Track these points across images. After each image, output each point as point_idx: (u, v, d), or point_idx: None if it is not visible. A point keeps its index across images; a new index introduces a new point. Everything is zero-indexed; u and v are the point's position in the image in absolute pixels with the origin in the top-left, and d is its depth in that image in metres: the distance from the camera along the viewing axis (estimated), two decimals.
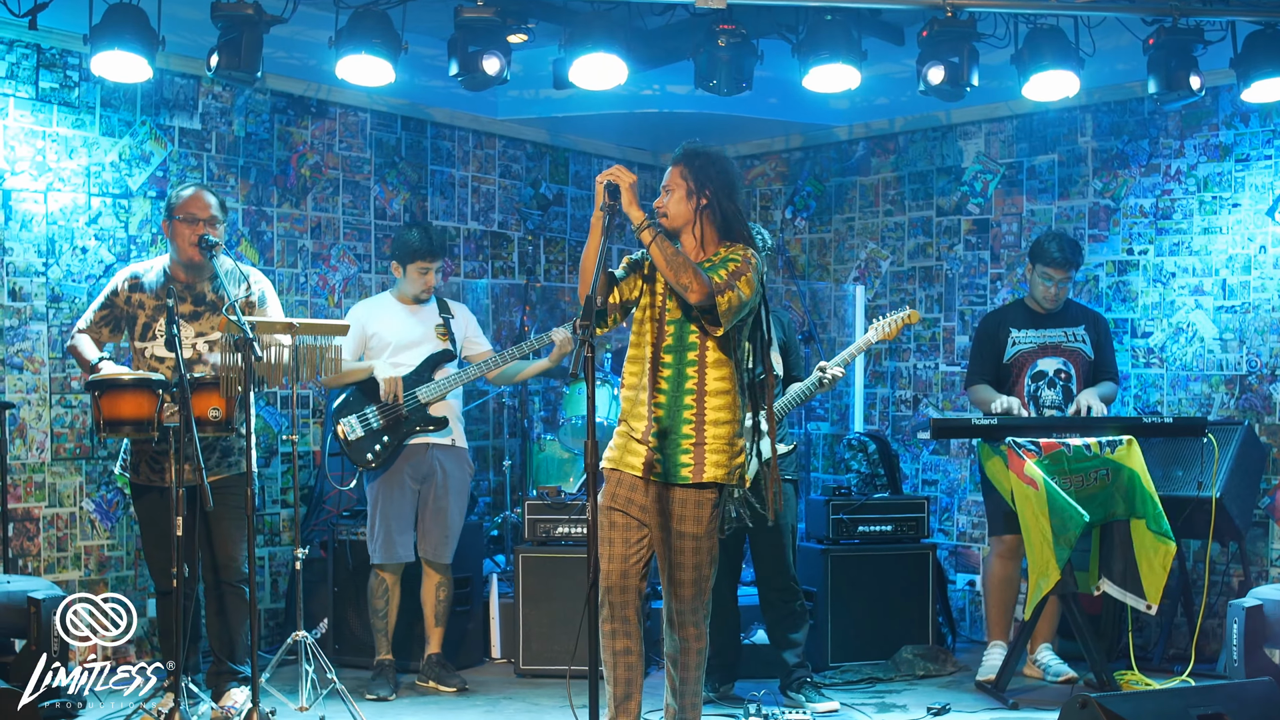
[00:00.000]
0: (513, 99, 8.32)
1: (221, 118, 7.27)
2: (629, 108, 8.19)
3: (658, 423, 4.49)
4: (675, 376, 4.50)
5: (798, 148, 8.77)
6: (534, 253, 8.77)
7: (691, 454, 4.49)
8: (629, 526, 4.55)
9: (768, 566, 5.97)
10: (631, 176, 4.39)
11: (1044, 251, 6.38)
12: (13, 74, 6.53)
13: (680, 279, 4.35)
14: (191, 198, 5.51)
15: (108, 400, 5.10)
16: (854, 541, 6.71)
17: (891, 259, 8.28)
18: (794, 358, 6.11)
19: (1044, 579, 5.85)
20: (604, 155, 9.14)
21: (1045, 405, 6.35)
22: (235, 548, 5.51)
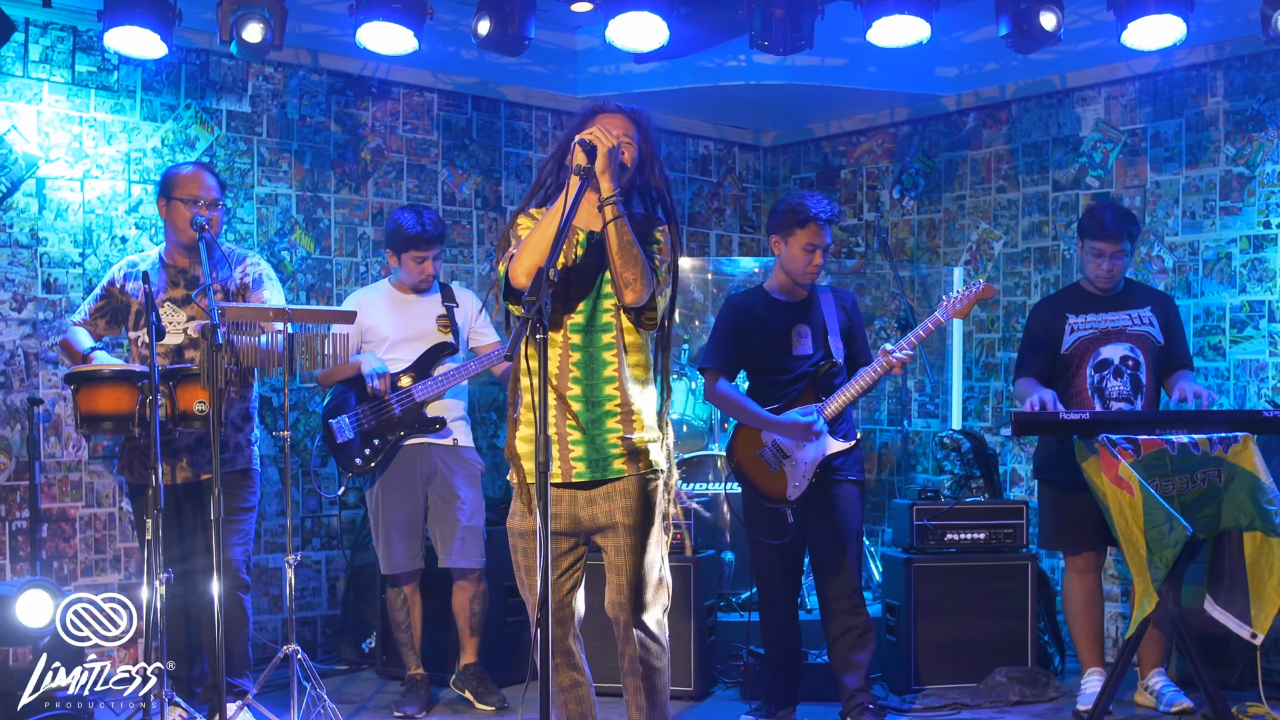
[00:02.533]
0: (592, 75, 7.82)
1: (273, 100, 6.92)
2: (713, 80, 7.63)
3: (577, 416, 3.92)
4: (587, 361, 3.93)
5: (904, 121, 8.08)
6: None
7: (620, 446, 3.92)
8: (557, 550, 3.98)
9: (827, 577, 5.34)
10: (612, 140, 3.82)
11: (1091, 223, 5.62)
12: (47, 58, 6.27)
13: (626, 273, 3.80)
14: (191, 176, 5.14)
15: (85, 394, 4.76)
16: (943, 550, 6.02)
17: (1004, 240, 7.54)
18: (859, 343, 5.46)
19: (1147, 596, 5.10)
20: (699, 135, 8.58)
21: (1112, 397, 5.59)
22: (231, 551, 5.10)
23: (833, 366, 5.34)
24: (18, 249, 6.18)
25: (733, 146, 8.76)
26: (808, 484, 5.26)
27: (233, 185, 6.75)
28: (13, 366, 6.12)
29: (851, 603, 5.32)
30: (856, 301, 5.59)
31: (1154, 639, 5.61)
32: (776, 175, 8.86)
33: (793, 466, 5.27)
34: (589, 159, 3.80)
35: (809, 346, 5.37)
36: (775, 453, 5.30)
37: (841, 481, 5.34)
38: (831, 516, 5.30)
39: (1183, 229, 6.79)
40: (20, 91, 6.20)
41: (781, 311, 5.40)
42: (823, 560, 5.35)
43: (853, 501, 5.36)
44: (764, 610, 5.48)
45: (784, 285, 5.41)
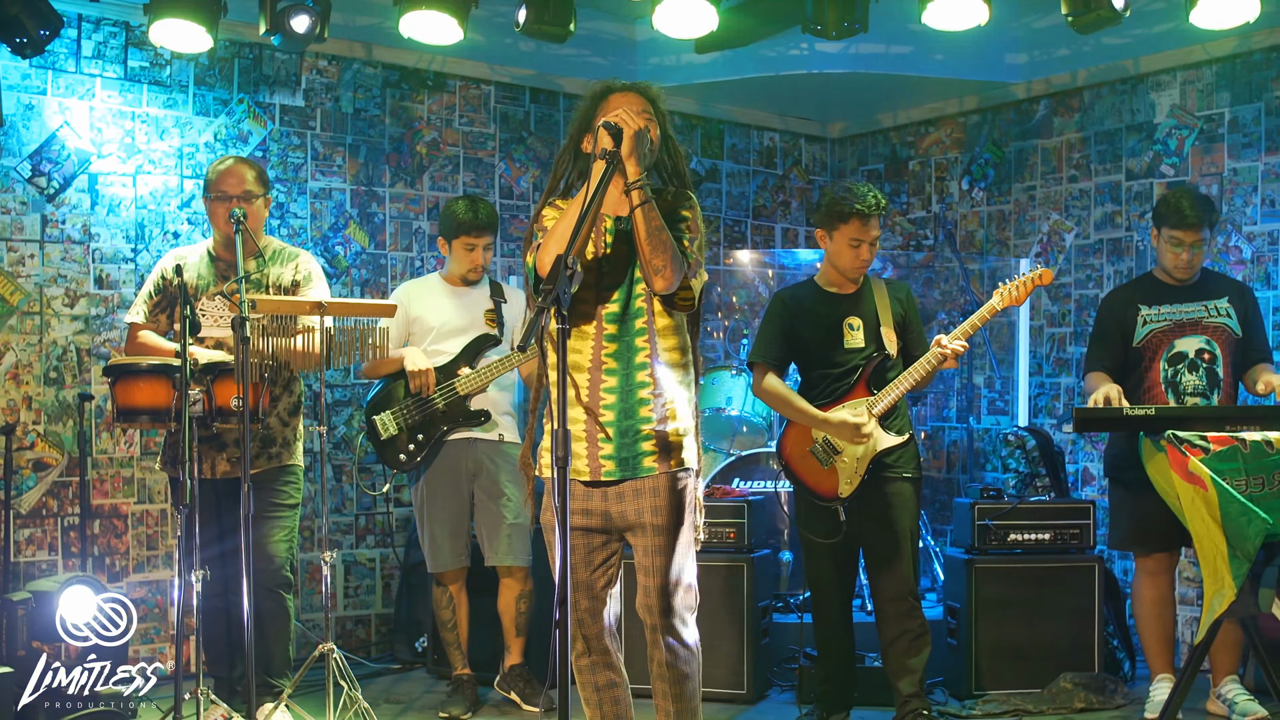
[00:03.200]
0: (653, 66, 7.69)
1: (327, 93, 6.86)
2: (775, 70, 7.47)
3: (610, 409, 3.77)
4: (623, 351, 3.79)
5: (973, 110, 7.86)
6: None
7: (654, 440, 3.77)
8: (589, 545, 3.85)
9: (882, 578, 5.17)
10: (639, 122, 3.67)
11: (1169, 210, 5.35)
12: (100, 53, 6.26)
13: (655, 259, 3.65)
14: (225, 172, 5.07)
15: (122, 387, 4.70)
16: (1005, 551, 5.81)
17: (1076, 231, 7.30)
18: (914, 335, 5.27)
19: (1218, 597, 4.84)
20: (764, 127, 8.42)
21: (1186, 392, 5.33)
22: (273, 548, 5.03)
23: (885, 360, 5.16)
24: (70, 245, 6.18)
25: (799, 138, 8.59)
26: (859, 481, 5.09)
27: (286, 180, 6.71)
28: (65, 362, 6.11)
29: (907, 605, 5.13)
30: (912, 292, 5.40)
31: (1227, 644, 5.37)
32: (844, 167, 8.67)
33: (844, 463, 5.10)
34: (615, 143, 3.67)
35: (861, 339, 5.20)
36: (825, 449, 5.14)
37: (895, 478, 5.15)
38: (885, 515, 5.13)
39: (1262, 218, 6.52)
40: (73, 87, 6.19)
41: (832, 304, 5.24)
42: (876, 560, 5.18)
43: (908, 499, 5.17)
44: (816, 612, 5.31)
45: (834, 277, 5.25)
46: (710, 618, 5.67)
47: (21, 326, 6.06)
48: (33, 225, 6.10)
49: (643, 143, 3.67)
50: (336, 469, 6.83)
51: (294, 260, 5.13)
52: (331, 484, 6.79)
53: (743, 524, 5.85)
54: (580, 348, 3.79)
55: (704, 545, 4.80)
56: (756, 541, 5.94)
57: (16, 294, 6.06)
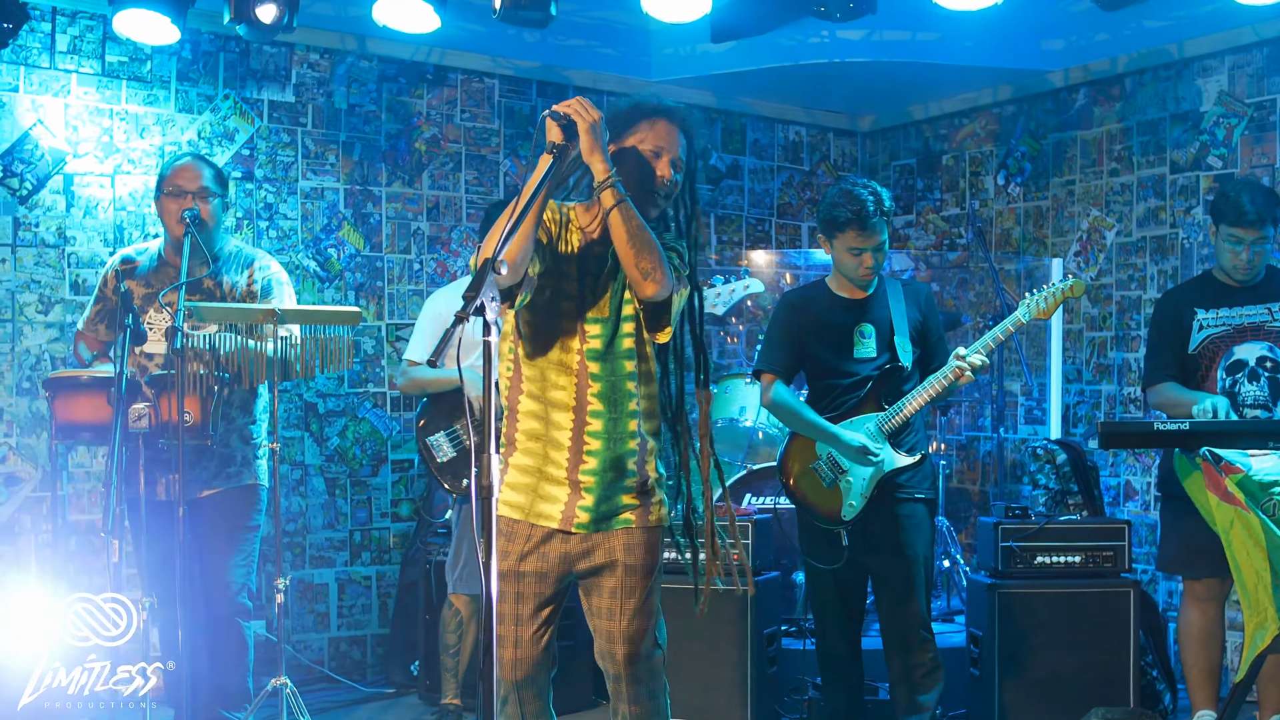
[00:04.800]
0: (667, 56, 7.31)
1: (319, 88, 6.53)
2: (794, 59, 7.05)
3: (594, 456, 3.39)
4: (609, 392, 3.41)
5: (1008, 100, 7.40)
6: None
7: (634, 492, 3.43)
8: (541, 593, 3.46)
9: (890, 607, 4.76)
10: (595, 114, 3.28)
11: (1228, 206, 4.87)
12: (75, 48, 5.97)
13: (642, 262, 3.25)
14: (180, 168, 4.73)
15: (62, 402, 4.40)
16: (1032, 575, 5.37)
17: (1118, 228, 6.82)
18: (933, 343, 4.86)
19: (1261, 631, 4.41)
20: (789, 120, 8.01)
21: (1245, 404, 4.85)
22: (229, 574, 4.68)
23: (899, 371, 4.75)
24: (44, 249, 5.89)
25: (827, 132, 8.16)
26: (865, 503, 4.68)
27: (275, 179, 6.39)
28: (38, 372, 5.82)
29: (917, 636, 4.73)
30: (932, 297, 4.98)
31: (1277, 679, 4.91)
32: (875, 162, 8.23)
33: (849, 483, 4.70)
34: (565, 136, 3.29)
35: (872, 348, 4.79)
36: (831, 466, 4.74)
37: (907, 500, 4.75)
38: (895, 539, 4.72)
39: None
40: (47, 84, 5.91)
41: (843, 309, 4.83)
42: (885, 589, 4.78)
43: (920, 522, 4.76)
44: (821, 641, 4.92)
45: (844, 281, 4.84)
46: (710, 645, 5.30)
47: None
48: (4, 229, 5.82)
49: (602, 135, 3.30)
50: (329, 482, 6.49)
51: (251, 264, 4.79)
52: (324, 498, 6.46)
53: (747, 545, 5.45)
54: (563, 383, 3.42)
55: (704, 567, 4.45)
56: (763, 563, 5.54)
57: None
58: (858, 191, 4.66)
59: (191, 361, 4.37)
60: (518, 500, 3.45)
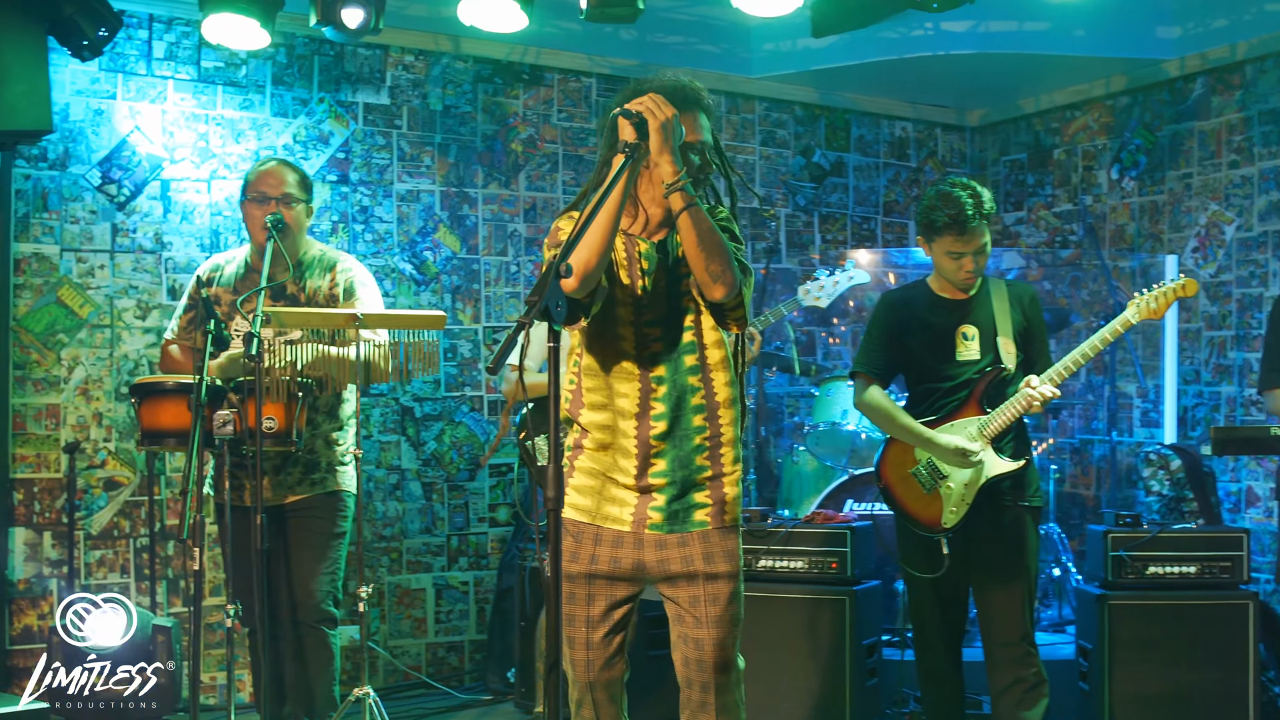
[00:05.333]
0: (768, 53, 7.17)
1: (414, 90, 6.49)
2: (899, 53, 6.87)
3: (662, 458, 3.29)
4: (672, 392, 3.29)
5: (1121, 91, 7.13)
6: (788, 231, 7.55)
7: (708, 492, 3.29)
8: (612, 596, 3.37)
9: (992, 620, 4.56)
10: (668, 110, 3.15)
11: None
12: (172, 54, 5.99)
13: (711, 266, 3.14)
14: (265, 173, 4.68)
15: (148, 408, 4.37)
16: (1144, 585, 5.14)
17: (1238, 222, 6.53)
18: (1037, 346, 4.65)
19: None
20: (894, 115, 7.82)
21: None
22: (314, 581, 4.62)
23: (1002, 374, 4.56)
24: (141, 254, 5.92)
25: (934, 127, 7.95)
26: (967, 510, 4.50)
27: (370, 182, 6.37)
28: (136, 376, 5.84)
29: (1020, 650, 4.53)
30: (1038, 298, 4.77)
31: None
32: (984, 158, 8.01)
33: (949, 489, 4.52)
34: (638, 134, 3.17)
35: (975, 351, 4.61)
36: (930, 472, 4.56)
37: (1010, 507, 4.55)
38: (997, 548, 4.53)
39: None
40: (144, 91, 5.93)
41: (944, 310, 4.65)
42: (987, 600, 4.58)
43: (1024, 531, 4.56)
44: (920, 653, 4.74)
45: (946, 282, 4.67)
46: (807, 657, 5.15)
47: (91, 340, 5.82)
48: (102, 235, 5.85)
49: (674, 134, 3.17)
50: (426, 487, 6.45)
51: (334, 267, 4.72)
52: (421, 503, 6.42)
53: (845, 553, 5.28)
54: (626, 390, 3.33)
55: (801, 576, 4.29)
56: (862, 572, 5.36)
57: (86, 306, 5.82)
58: (955, 193, 4.48)
59: (273, 368, 4.33)
60: (584, 504, 3.39)
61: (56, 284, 5.77)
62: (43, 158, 5.75)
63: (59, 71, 5.73)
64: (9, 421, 5.66)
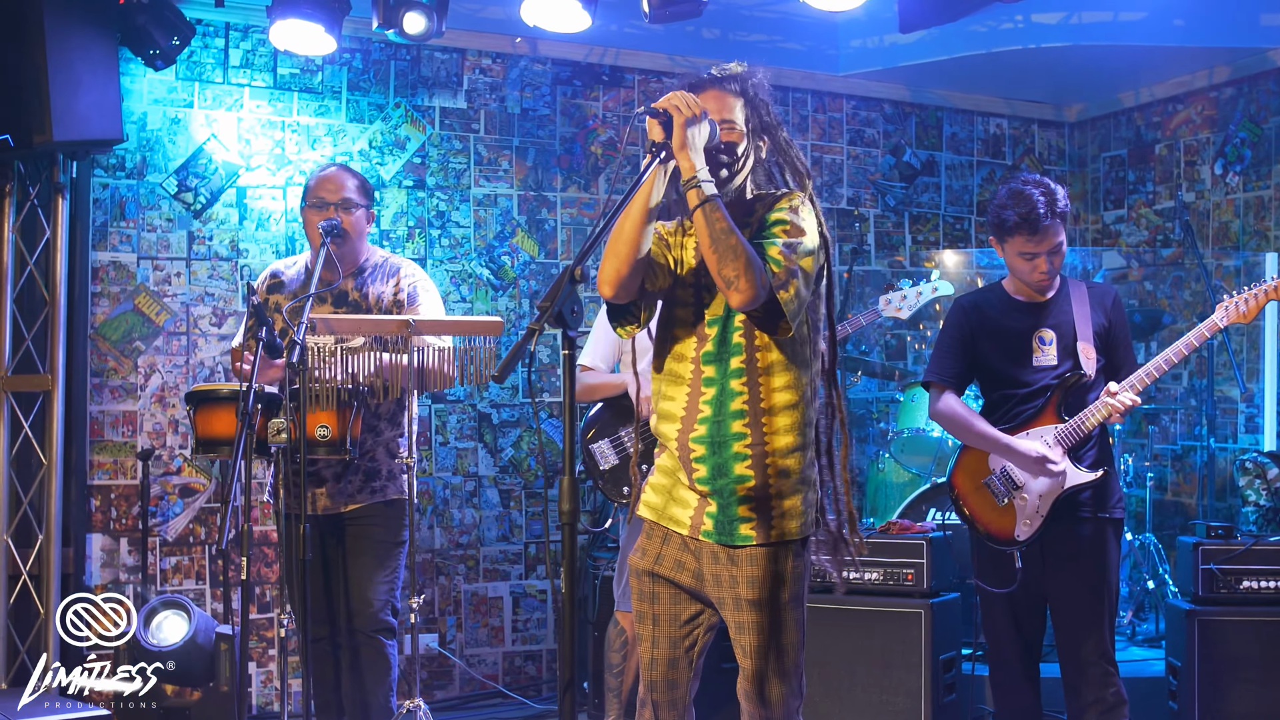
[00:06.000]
0: (854, 50, 6.99)
1: (491, 93, 6.44)
2: (987, 47, 6.66)
3: (701, 464, 3.15)
4: (718, 396, 3.15)
5: (1225, 82, 6.83)
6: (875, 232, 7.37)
7: (753, 503, 3.12)
8: (678, 599, 3.24)
9: (1070, 637, 4.36)
10: (695, 107, 3.03)
11: None
12: (248, 62, 6.01)
13: (724, 270, 2.97)
14: (324, 179, 4.63)
15: (202, 415, 4.34)
16: (1238, 602, 4.90)
17: None
18: (1122, 352, 4.45)
19: None
20: (988, 112, 7.59)
21: None
22: (372, 590, 4.57)
23: (1081, 380, 4.36)
24: (218, 262, 5.94)
25: (1030, 124, 7.71)
26: (1042, 522, 4.31)
27: (447, 187, 6.32)
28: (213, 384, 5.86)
29: (1099, 670, 4.32)
30: (1121, 299, 4.56)
31: None
32: (1084, 154, 7.74)
33: (1024, 500, 4.34)
34: (665, 133, 3.05)
35: (1053, 356, 4.42)
36: (1004, 482, 4.39)
37: (1088, 519, 4.35)
38: (1075, 562, 4.33)
39: None
40: (220, 99, 5.95)
41: (1020, 314, 4.47)
42: (1064, 616, 4.38)
43: (1102, 544, 4.35)
44: (994, 671, 4.57)
45: (1022, 285, 4.49)
46: (882, 672, 4.98)
47: (168, 347, 5.85)
48: (179, 242, 5.89)
49: (699, 132, 3.04)
50: (504, 494, 6.39)
51: (397, 273, 4.67)
52: (498, 510, 6.36)
53: (921, 564, 5.11)
54: (674, 394, 3.21)
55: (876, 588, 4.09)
56: (940, 584, 5.18)
57: (163, 314, 5.85)
58: (1028, 191, 4.31)
59: (323, 375, 4.28)
60: (654, 501, 3.30)
61: (134, 292, 5.81)
62: (120, 167, 5.79)
63: (136, 81, 5.78)
64: (87, 428, 5.71)
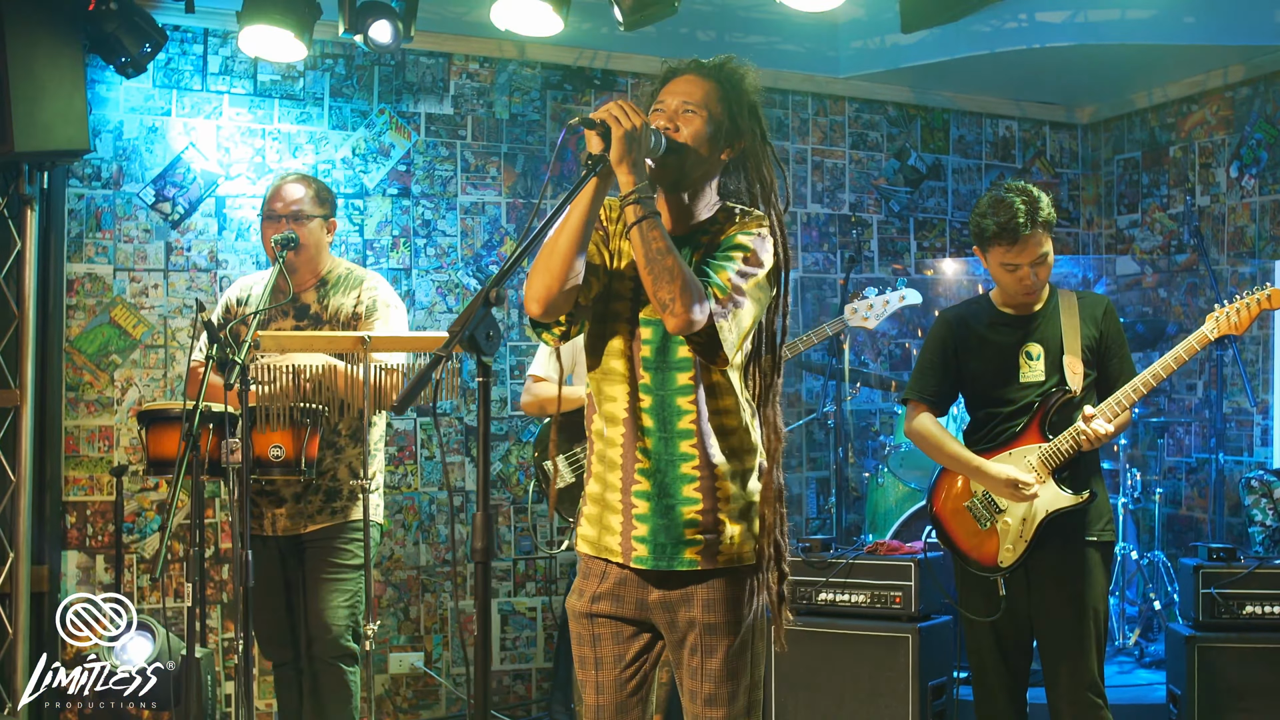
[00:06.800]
0: (855, 51, 6.80)
1: (478, 99, 6.29)
2: (991, 47, 6.45)
3: (646, 477, 2.95)
4: (658, 407, 2.96)
5: (1240, 82, 6.59)
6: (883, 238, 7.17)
7: (699, 525, 2.93)
8: (619, 637, 3.04)
9: (1056, 666, 4.15)
10: (636, 118, 2.81)
11: None
12: (227, 68, 5.88)
13: (659, 292, 2.74)
14: (274, 191, 4.53)
15: (154, 435, 4.23)
16: (1240, 628, 4.68)
17: None
18: (1116, 363, 4.23)
19: None
20: (997, 114, 7.37)
21: None
22: (331, 615, 4.41)
23: (1067, 397, 4.16)
24: (196, 273, 5.82)
25: (1041, 125, 7.49)
26: (1026, 546, 4.12)
27: (433, 195, 6.18)
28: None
29: (1086, 701, 4.10)
30: (1114, 309, 4.34)
31: None
32: (1097, 157, 7.51)
33: (1007, 525, 4.15)
34: (605, 144, 2.86)
35: (1041, 372, 4.22)
36: (986, 505, 4.20)
37: (1075, 543, 4.14)
38: (1061, 589, 4.12)
39: None
40: (199, 106, 5.83)
41: (1006, 327, 4.28)
42: (1050, 645, 4.18)
43: (1090, 569, 4.14)
44: (979, 701, 4.36)
45: (1009, 296, 4.29)
46: (869, 699, 4.80)
47: (145, 360, 5.73)
48: (156, 253, 5.77)
49: (638, 144, 2.84)
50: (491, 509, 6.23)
51: (359, 285, 4.53)
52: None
53: (909, 586, 4.92)
54: (614, 394, 2.97)
55: (863, 611, 3.89)
56: (929, 607, 4.99)
57: (139, 326, 5.74)
58: (1009, 198, 4.11)
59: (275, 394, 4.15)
60: (588, 534, 3.04)
61: (110, 304, 5.70)
62: (96, 176, 5.68)
63: (112, 89, 5.67)
64: (61, 444, 5.60)
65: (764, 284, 2.89)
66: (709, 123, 2.95)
